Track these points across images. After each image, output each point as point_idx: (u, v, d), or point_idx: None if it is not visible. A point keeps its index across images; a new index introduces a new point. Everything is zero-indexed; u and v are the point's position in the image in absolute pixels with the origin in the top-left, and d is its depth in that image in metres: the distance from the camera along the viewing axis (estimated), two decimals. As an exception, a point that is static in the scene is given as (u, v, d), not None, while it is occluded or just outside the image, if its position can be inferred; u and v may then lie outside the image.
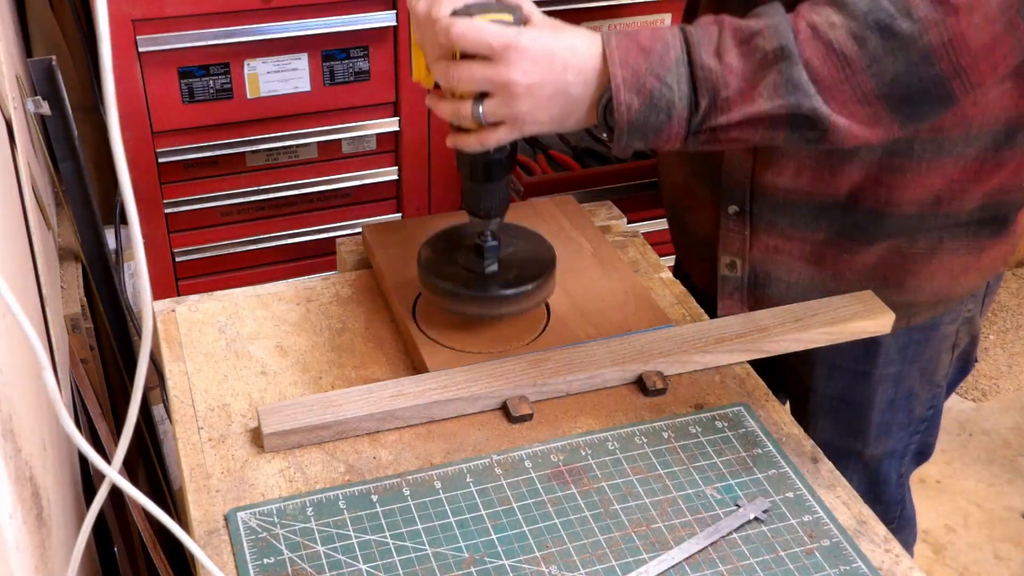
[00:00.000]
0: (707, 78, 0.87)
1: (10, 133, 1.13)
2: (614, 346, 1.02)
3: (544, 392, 0.99)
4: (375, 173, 1.99)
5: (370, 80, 1.87)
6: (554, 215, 1.21)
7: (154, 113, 1.75)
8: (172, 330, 1.06)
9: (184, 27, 1.69)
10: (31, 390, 0.91)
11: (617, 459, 0.93)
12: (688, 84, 0.87)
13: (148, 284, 0.58)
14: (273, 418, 0.93)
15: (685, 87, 0.87)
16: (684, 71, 0.87)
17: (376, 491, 0.88)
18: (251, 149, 1.87)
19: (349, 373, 1.02)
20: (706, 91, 0.87)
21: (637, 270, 1.19)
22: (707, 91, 0.87)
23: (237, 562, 0.82)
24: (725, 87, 0.86)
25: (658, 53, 0.87)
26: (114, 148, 0.50)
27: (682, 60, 0.87)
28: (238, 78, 1.78)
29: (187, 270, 1.96)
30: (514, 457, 0.92)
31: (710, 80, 0.86)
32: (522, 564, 0.83)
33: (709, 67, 0.86)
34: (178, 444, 0.94)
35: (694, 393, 1.01)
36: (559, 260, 1.14)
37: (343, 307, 1.11)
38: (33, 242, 1.16)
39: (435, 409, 0.96)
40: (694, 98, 0.87)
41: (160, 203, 1.85)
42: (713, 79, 0.86)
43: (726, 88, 0.86)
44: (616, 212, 1.27)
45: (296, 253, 2.02)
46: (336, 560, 0.82)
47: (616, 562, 0.83)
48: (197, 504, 0.87)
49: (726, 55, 0.86)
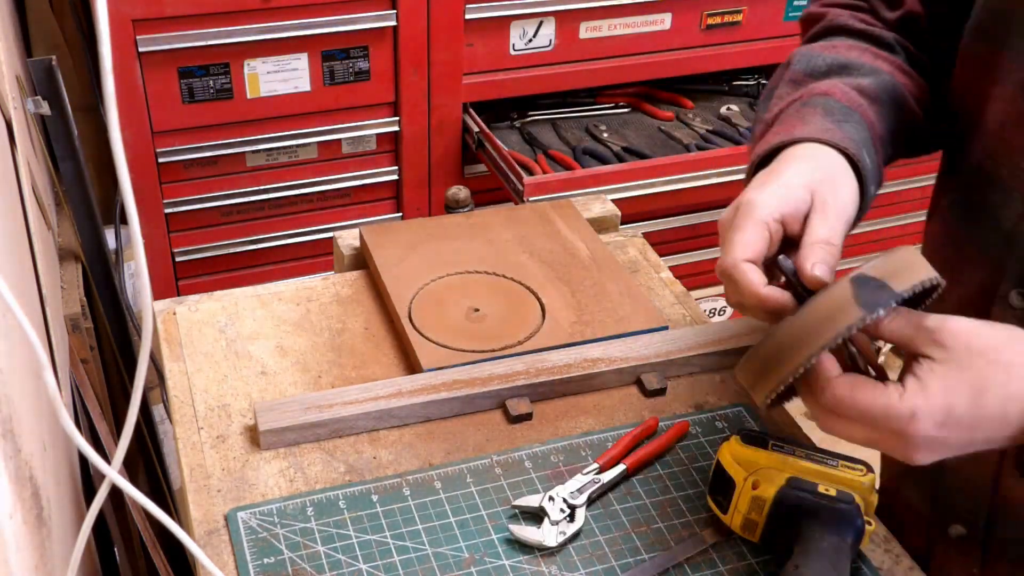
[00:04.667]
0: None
1: (10, 133, 1.13)
2: (612, 346, 1.02)
3: (543, 392, 0.99)
4: (375, 173, 1.99)
5: (370, 80, 1.87)
6: (552, 219, 1.22)
7: (154, 113, 1.76)
8: (172, 330, 1.06)
9: (184, 27, 1.69)
10: (31, 390, 0.91)
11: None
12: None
13: (148, 284, 0.58)
14: (270, 415, 0.93)
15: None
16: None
17: (376, 491, 0.88)
18: (251, 149, 1.87)
19: (349, 373, 1.02)
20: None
21: (637, 270, 1.19)
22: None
23: (237, 562, 0.82)
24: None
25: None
26: (114, 148, 0.50)
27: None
28: (238, 78, 1.78)
29: (187, 270, 1.96)
30: (514, 457, 0.92)
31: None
32: (522, 564, 0.83)
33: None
34: (178, 444, 0.94)
35: (694, 393, 1.01)
36: (557, 264, 1.14)
37: (343, 307, 1.11)
38: (33, 242, 1.16)
39: (432, 408, 0.96)
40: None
41: (160, 203, 1.85)
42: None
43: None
44: (611, 206, 1.27)
45: (296, 253, 2.02)
46: (336, 560, 0.82)
47: (616, 562, 0.83)
48: (197, 504, 0.87)
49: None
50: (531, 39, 1.95)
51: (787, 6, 2.11)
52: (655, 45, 2.06)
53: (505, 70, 1.97)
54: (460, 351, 1.01)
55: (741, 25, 2.10)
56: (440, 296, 1.08)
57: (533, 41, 1.95)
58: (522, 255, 1.15)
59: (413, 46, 1.85)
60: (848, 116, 0.83)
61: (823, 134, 0.81)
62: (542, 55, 1.98)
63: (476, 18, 1.87)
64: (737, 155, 1.90)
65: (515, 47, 1.95)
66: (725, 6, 2.06)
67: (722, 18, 2.08)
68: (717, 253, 0.78)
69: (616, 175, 1.84)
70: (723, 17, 2.07)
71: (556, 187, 1.77)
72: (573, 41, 1.98)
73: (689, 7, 2.04)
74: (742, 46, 2.13)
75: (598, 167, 1.90)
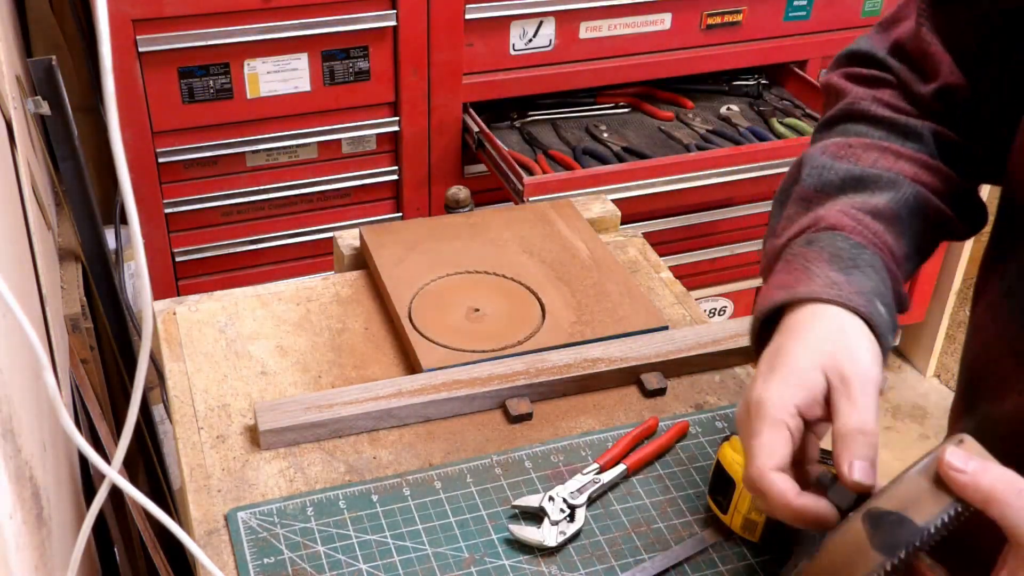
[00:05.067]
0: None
1: (10, 133, 1.13)
2: (612, 346, 1.02)
3: (543, 392, 0.99)
4: (375, 173, 1.99)
5: (370, 80, 1.87)
6: (552, 219, 1.22)
7: (154, 113, 1.76)
8: (172, 330, 1.06)
9: (184, 27, 1.69)
10: (31, 390, 0.91)
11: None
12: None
13: (148, 284, 0.59)
14: (270, 415, 0.93)
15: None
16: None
17: (376, 491, 0.88)
18: (251, 149, 1.87)
19: (349, 373, 1.02)
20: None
21: (637, 270, 1.19)
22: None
23: (237, 562, 0.82)
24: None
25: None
26: (114, 148, 0.50)
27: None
28: (238, 78, 1.78)
29: (187, 270, 1.96)
30: (514, 457, 0.92)
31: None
32: (522, 564, 0.83)
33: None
34: (178, 444, 0.94)
35: (694, 393, 1.01)
36: (557, 264, 1.14)
37: (343, 307, 1.11)
38: (33, 242, 1.16)
39: (431, 408, 0.96)
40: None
41: (160, 203, 1.85)
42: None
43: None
44: (611, 206, 1.27)
45: (296, 253, 2.02)
46: (336, 560, 0.82)
47: (616, 562, 0.83)
48: (197, 504, 0.87)
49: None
50: (531, 39, 1.95)
51: (787, 6, 2.11)
52: (655, 45, 2.06)
53: (505, 70, 1.97)
54: (460, 351, 1.01)
55: (741, 25, 2.10)
56: (440, 296, 1.08)
57: (533, 41, 1.95)
58: (522, 255, 1.15)
59: (413, 46, 1.85)
60: (858, 257, 0.77)
61: (829, 290, 0.75)
62: (542, 55, 1.98)
63: (476, 18, 1.87)
64: (737, 155, 1.90)
65: (515, 47, 1.95)
66: (725, 6, 2.06)
67: (722, 18, 2.07)
68: (717, 252, 0.77)
69: (616, 175, 1.84)
70: (723, 17, 2.07)
71: (556, 187, 1.77)
72: (573, 41, 1.98)
73: (689, 7, 2.03)
74: (742, 46, 2.13)
75: (598, 167, 1.90)
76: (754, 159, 1.90)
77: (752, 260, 2.41)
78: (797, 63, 2.20)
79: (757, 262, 2.42)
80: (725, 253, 2.34)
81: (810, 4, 2.12)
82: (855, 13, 2.16)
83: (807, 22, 2.14)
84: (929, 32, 0.84)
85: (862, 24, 2.17)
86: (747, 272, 2.42)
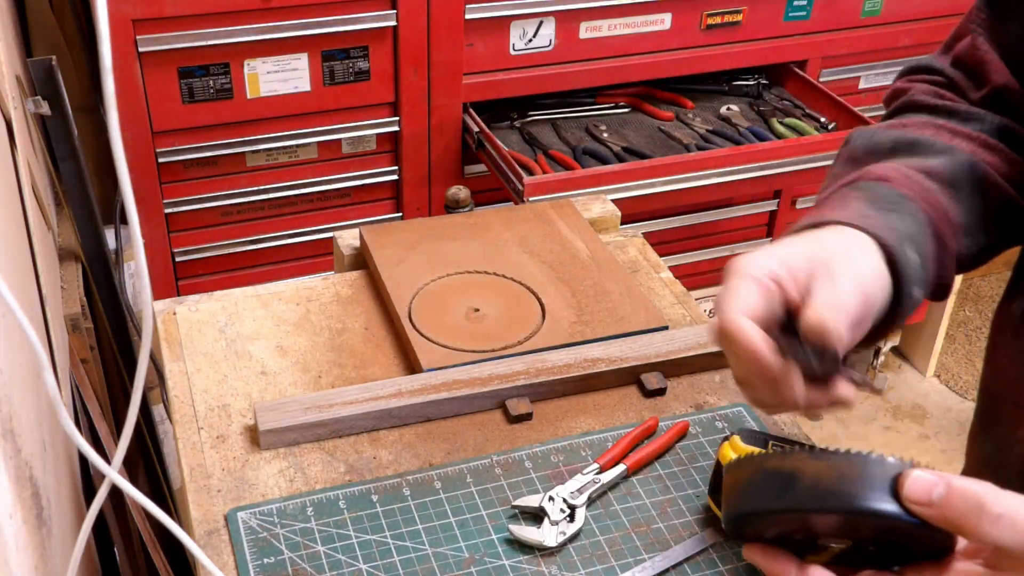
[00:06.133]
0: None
1: (10, 133, 1.13)
2: (612, 346, 1.02)
3: (543, 392, 0.99)
4: (375, 173, 1.99)
5: (370, 80, 1.87)
6: (552, 219, 1.22)
7: (154, 113, 1.76)
8: (172, 330, 1.06)
9: (184, 27, 1.69)
10: (31, 390, 0.91)
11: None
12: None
13: (148, 284, 0.59)
14: (270, 415, 0.93)
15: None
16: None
17: (376, 491, 0.88)
18: (251, 149, 1.87)
19: (349, 373, 1.02)
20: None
21: (637, 270, 1.19)
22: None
23: (237, 562, 0.82)
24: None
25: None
26: (114, 148, 0.50)
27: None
28: (238, 78, 1.78)
29: (187, 270, 1.96)
30: (514, 457, 0.92)
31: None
32: (522, 564, 0.83)
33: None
34: (178, 444, 0.94)
35: (694, 393, 1.01)
36: (557, 264, 1.14)
37: (343, 307, 1.11)
38: (33, 242, 1.16)
39: (431, 408, 0.96)
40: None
41: (160, 203, 1.85)
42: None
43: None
44: (611, 206, 1.27)
45: (296, 253, 2.02)
46: (336, 560, 0.82)
47: (616, 562, 0.83)
48: (197, 504, 0.87)
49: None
50: (531, 39, 1.95)
51: (787, 6, 2.11)
52: (655, 45, 2.06)
53: (505, 70, 1.97)
54: (460, 351, 1.01)
55: (741, 25, 2.10)
56: (440, 296, 1.08)
57: (533, 41, 1.95)
58: (522, 255, 1.15)
59: (413, 46, 1.85)
60: (898, 205, 0.72)
61: (858, 219, 0.70)
62: (542, 55, 1.98)
63: (476, 18, 1.87)
64: (737, 155, 1.90)
65: (515, 47, 1.95)
66: (725, 6, 2.06)
67: (722, 18, 2.07)
68: (717, 252, 0.76)
69: (616, 175, 1.84)
70: (723, 17, 2.07)
71: (556, 187, 1.77)
72: (573, 41, 1.98)
73: (689, 7, 2.03)
74: (742, 46, 2.13)
75: (598, 167, 1.90)
76: (754, 159, 1.90)
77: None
78: (797, 63, 2.20)
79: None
80: (725, 253, 2.33)
81: (810, 4, 2.12)
82: (855, 13, 2.16)
83: (807, 22, 2.14)
84: (985, 42, 0.82)
85: (862, 24, 2.17)
86: (747, 272, 2.41)
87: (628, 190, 1.84)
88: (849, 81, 2.28)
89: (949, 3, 2.19)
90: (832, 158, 0.84)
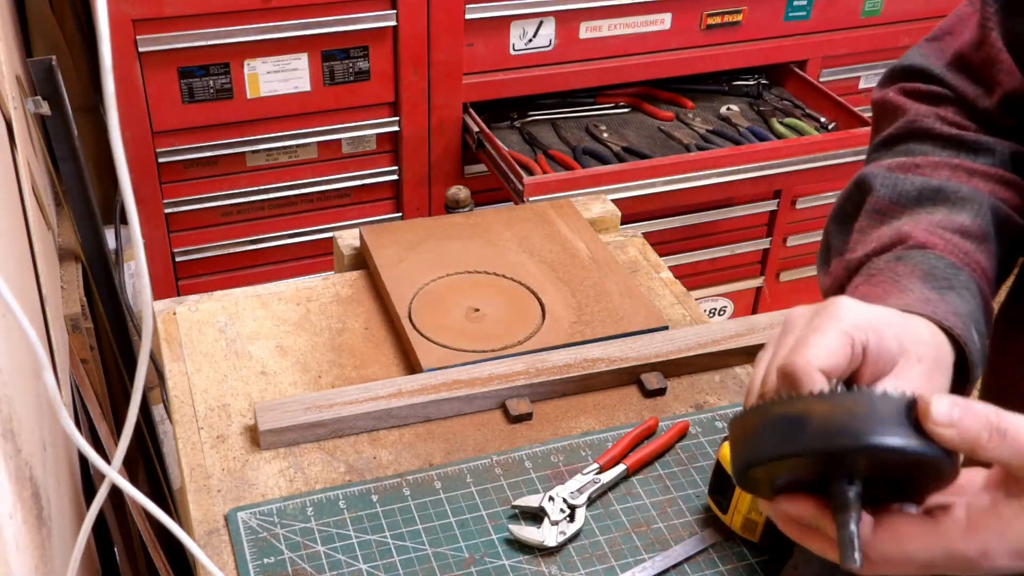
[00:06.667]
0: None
1: (10, 133, 1.13)
2: (612, 346, 1.02)
3: (543, 392, 0.99)
4: (375, 173, 1.99)
5: (370, 80, 1.87)
6: (552, 219, 1.22)
7: (154, 113, 1.76)
8: (172, 330, 1.06)
9: (184, 27, 1.69)
10: (31, 390, 0.91)
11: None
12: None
13: (148, 284, 0.58)
14: (270, 415, 0.93)
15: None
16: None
17: (376, 491, 0.88)
18: (251, 149, 1.87)
19: (349, 373, 1.02)
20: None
21: (637, 270, 1.19)
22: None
23: (237, 562, 0.82)
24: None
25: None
26: (114, 148, 0.50)
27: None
28: (238, 78, 1.78)
29: (187, 270, 1.96)
30: (514, 457, 0.92)
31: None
32: (522, 564, 0.83)
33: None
34: (178, 444, 0.94)
35: (694, 393, 1.01)
36: (557, 264, 1.14)
37: (343, 307, 1.11)
38: (33, 242, 1.16)
39: (432, 408, 0.96)
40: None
41: (160, 203, 1.85)
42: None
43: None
44: (611, 206, 1.27)
45: (296, 253, 2.03)
46: (336, 560, 0.82)
47: (616, 562, 0.83)
48: (197, 504, 0.87)
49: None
50: (531, 39, 1.95)
51: (787, 6, 2.11)
52: (655, 45, 2.06)
53: (505, 70, 1.97)
54: (460, 351, 1.01)
55: (741, 25, 2.10)
56: (440, 296, 1.08)
57: (533, 41, 1.95)
58: (522, 255, 1.15)
59: (413, 46, 1.85)
60: (954, 278, 0.70)
61: (925, 307, 0.67)
62: (542, 55, 1.98)
63: (476, 18, 1.87)
64: (737, 155, 1.90)
65: (515, 47, 1.95)
66: (725, 6, 2.06)
67: (722, 18, 2.08)
68: (717, 252, 0.75)
69: (616, 175, 1.84)
70: (723, 17, 2.07)
71: (556, 187, 1.77)
72: (573, 41, 1.98)
73: (689, 7, 2.04)
74: (742, 46, 2.13)
75: (598, 167, 1.90)
76: (754, 159, 1.90)
77: (752, 260, 2.41)
78: (797, 63, 2.20)
79: (757, 262, 2.43)
80: (725, 253, 2.34)
81: (810, 4, 2.12)
82: (855, 13, 2.16)
83: (807, 22, 2.14)
84: (998, 38, 0.79)
85: (862, 24, 2.17)
86: (747, 272, 2.42)
87: (628, 190, 1.84)
88: (849, 81, 2.28)
89: (949, 3, 2.19)
90: (832, 158, 0.84)
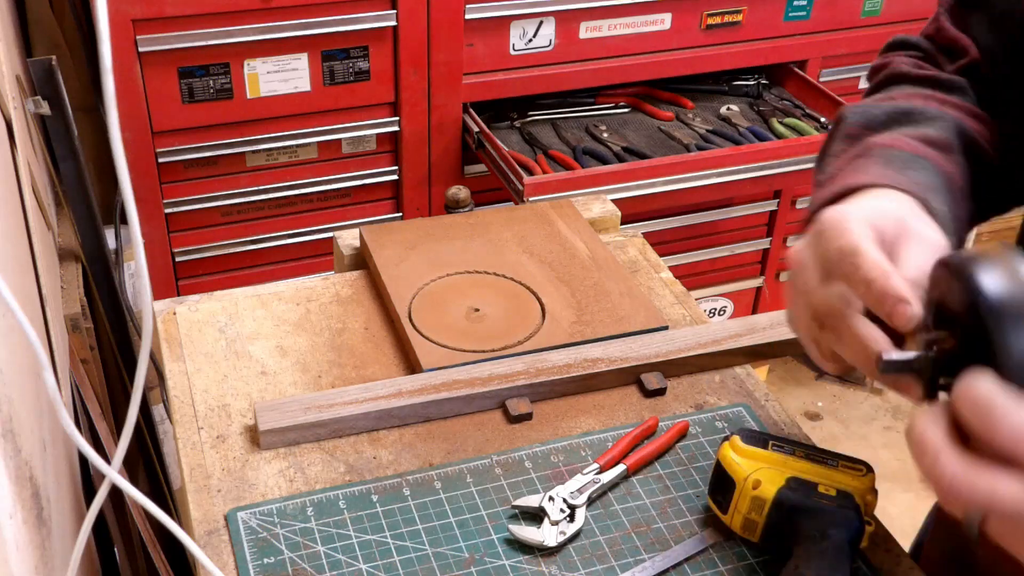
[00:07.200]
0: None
1: (10, 133, 1.13)
2: (612, 346, 1.02)
3: (543, 392, 0.99)
4: (375, 173, 2.00)
5: (370, 80, 1.87)
6: (552, 219, 1.22)
7: (154, 113, 1.76)
8: (172, 330, 1.06)
9: (184, 27, 1.69)
10: (31, 390, 0.91)
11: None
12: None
13: (148, 284, 0.59)
14: (270, 415, 0.93)
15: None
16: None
17: (376, 491, 0.88)
18: (251, 149, 1.87)
19: (349, 373, 1.02)
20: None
21: (637, 270, 1.19)
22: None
23: (237, 562, 0.82)
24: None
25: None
26: (114, 148, 0.50)
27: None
28: (238, 78, 1.78)
29: (187, 270, 1.96)
30: (514, 457, 0.92)
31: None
32: (522, 564, 0.83)
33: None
34: (178, 444, 0.94)
35: (694, 393, 1.01)
36: (557, 264, 1.14)
37: (343, 307, 1.11)
38: (33, 242, 1.16)
39: (432, 408, 0.96)
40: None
41: (160, 203, 1.86)
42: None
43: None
44: (611, 206, 1.27)
45: (296, 253, 2.03)
46: (336, 560, 0.82)
47: (616, 562, 0.83)
48: (197, 504, 0.87)
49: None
50: (531, 39, 1.95)
51: (787, 6, 2.11)
52: (655, 45, 2.06)
53: (505, 70, 1.97)
54: (460, 351, 1.01)
55: (741, 25, 2.10)
56: (440, 296, 1.08)
57: (533, 41, 1.96)
58: (522, 255, 1.15)
59: (413, 46, 1.85)
60: (912, 162, 0.74)
61: (883, 179, 0.71)
62: (542, 55, 1.98)
63: (476, 18, 1.87)
64: (737, 155, 1.90)
65: (515, 47, 1.95)
66: (725, 6, 2.06)
67: (722, 18, 2.08)
68: (717, 252, 0.76)
69: (616, 175, 1.84)
70: (723, 17, 2.08)
71: (556, 187, 1.77)
72: (573, 41, 1.99)
73: (689, 7, 2.04)
74: (742, 46, 2.13)
75: (598, 167, 1.90)
76: (754, 159, 1.90)
77: (752, 260, 2.41)
78: (797, 63, 2.21)
79: (757, 262, 2.43)
80: (725, 253, 2.34)
81: (810, 4, 2.12)
82: (855, 13, 2.16)
83: (807, 22, 2.15)
84: (951, 28, 0.86)
85: (862, 24, 2.17)
86: (747, 272, 2.42)
87: (628, 190, 1.85)
88: (849, 81, 2.28)
89: (949, 3, 2.19)
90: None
